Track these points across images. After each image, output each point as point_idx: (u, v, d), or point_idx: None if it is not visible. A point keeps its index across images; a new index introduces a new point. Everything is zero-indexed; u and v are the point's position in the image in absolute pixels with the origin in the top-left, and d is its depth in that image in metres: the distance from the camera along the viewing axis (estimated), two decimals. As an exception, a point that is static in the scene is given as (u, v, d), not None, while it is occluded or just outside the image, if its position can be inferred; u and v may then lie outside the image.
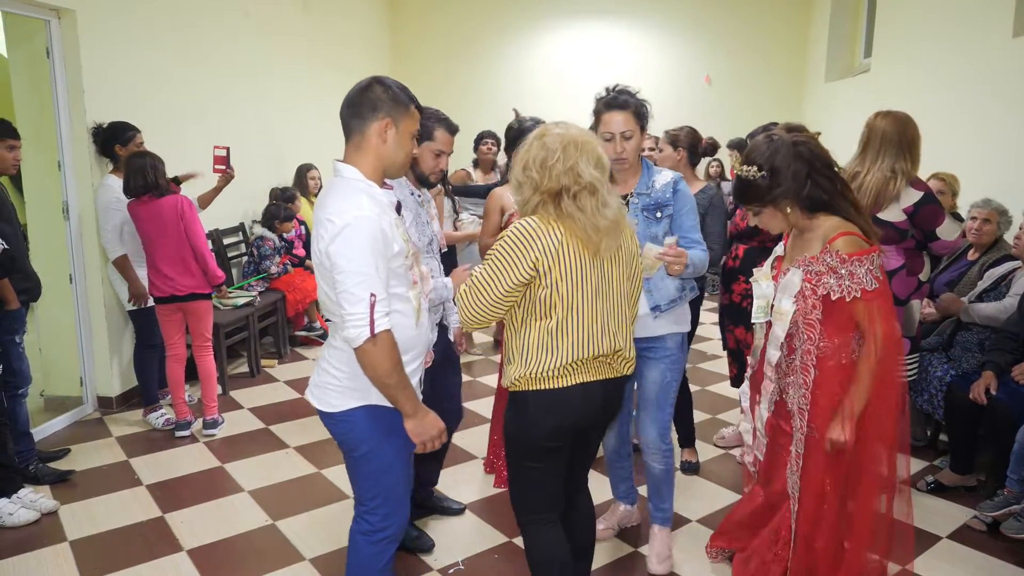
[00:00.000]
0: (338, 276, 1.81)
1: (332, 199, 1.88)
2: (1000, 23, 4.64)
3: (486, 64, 9.16)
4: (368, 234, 1.80)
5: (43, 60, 4.08)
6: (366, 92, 1.92)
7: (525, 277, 1.92)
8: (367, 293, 1.79)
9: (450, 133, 2.64)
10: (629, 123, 2.47)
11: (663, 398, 2.66)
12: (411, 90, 2.00)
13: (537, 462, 2.05)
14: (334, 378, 1.99)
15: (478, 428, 4.10)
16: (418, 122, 2.01)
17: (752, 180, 2.16)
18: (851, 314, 2.12)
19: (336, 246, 1.80)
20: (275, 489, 3.46)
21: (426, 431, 1.96)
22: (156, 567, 2.83)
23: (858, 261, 2.08)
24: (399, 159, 1.97)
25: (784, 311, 2.20)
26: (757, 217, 2.26)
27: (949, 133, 5.13)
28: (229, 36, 5.63)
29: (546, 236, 1.92)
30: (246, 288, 5.20)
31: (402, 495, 2.09)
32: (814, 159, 2.15)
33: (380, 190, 1.94)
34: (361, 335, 1.80)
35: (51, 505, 3.22)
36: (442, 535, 3.00)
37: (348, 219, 1.80)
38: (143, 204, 3.82)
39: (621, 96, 2.49)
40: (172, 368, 4.06)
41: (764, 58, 8.72)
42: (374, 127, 1.91)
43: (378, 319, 1.81)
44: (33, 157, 4.20)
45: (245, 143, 5.66)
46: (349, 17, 7.93)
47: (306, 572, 2.79)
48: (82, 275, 4.28)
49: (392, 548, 2.11)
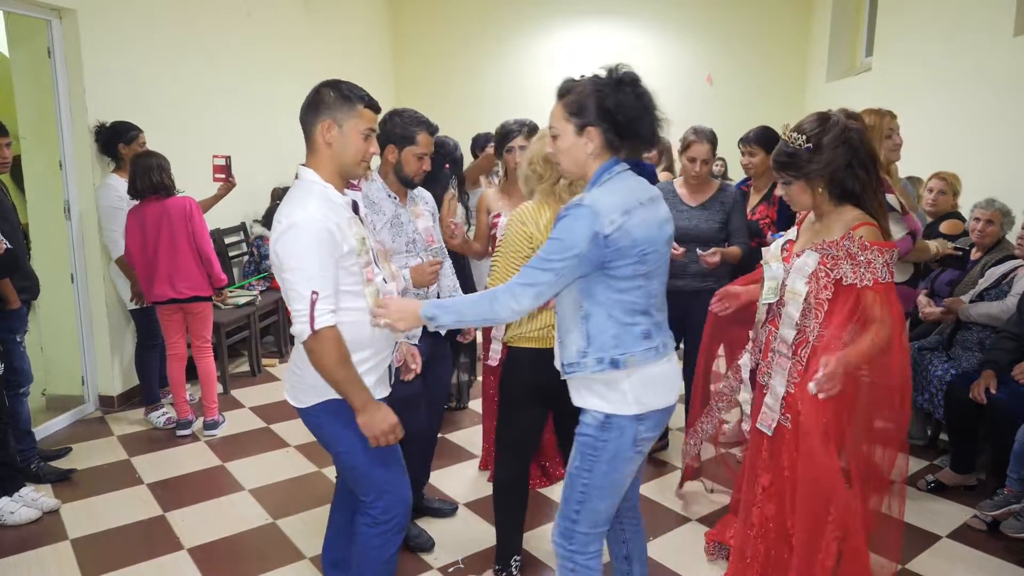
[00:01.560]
0: (284, 275, 1.90)
1: (286, 200, 1.97)
2: (1001, 22, 4.64)
3: (488, 64, 9.16)
4: (311, 234, 1.86)
5: (44, 60, 4.09)
6: (313, 96, 2.00)
7: (525, 251, 2.30)
8: (309, 291, 1.86)
9: (431, 135, 2.69)
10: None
11: (568, 490, 1.98)
12: (410, 88, 2.02)
13: (517, 407, 2.51)
14: (298, 376, 2.05)
15: (476, 427, 4.10)
16: (369, 121, 2.01)
17: (795, 150, 2.16)
18: (854, 305, 2.12)
19: (281, 245, 1.89)
20: (275, 488, 3.46)
21: (376, 426, 1.97)
22: (157, 565, 2.83)
23: (879, 251, 2.08)
24: (347, 158, 2.00)
25: (798, 291, 2.20)
26: (785, 188, 2.25)
27: (950, 132, 5.13)
28: (230, 36, 5.64)
29: (539, 216, 2.35)
30: (247, 287, 5.21)
31: (396, 485, 2.11)
32: (859, 149, 2.14)
33: (335, 192, 1.99)
34: (304, 331, 1.88)
35: (52, 504, 3.23)
36: (441, 534, 3.01)
37: (293, 220, 1.87)
38: (149, 205, 3.82)
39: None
40: (173, 367, 4.06)
41: (765, 57, 8.71)
42: (318, 129, 1.98)
43: (319, 316, 1.87)
44: (34, 156, 4.21)
45: (247, 143, 5.67)
46: (350, 17, 7.93)
47: (307, 570, 2.80)
48: (83, 274, 4.29)
49: (399, 539, 2.14)
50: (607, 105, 1.79)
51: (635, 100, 1.80)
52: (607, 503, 1.97)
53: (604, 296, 1.84)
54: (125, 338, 4.50)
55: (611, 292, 1.84)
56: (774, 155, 2.27)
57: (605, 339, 1.86)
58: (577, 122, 1.83)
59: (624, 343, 1.86)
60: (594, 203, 1.77)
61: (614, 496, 1.98)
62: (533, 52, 9.08)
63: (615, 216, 1.76)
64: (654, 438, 1.97)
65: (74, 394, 4.39)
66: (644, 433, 1.92)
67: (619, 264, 1.80)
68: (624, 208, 1.78)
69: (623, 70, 1.83)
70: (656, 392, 1.91)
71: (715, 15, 8.71)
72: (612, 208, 1.76)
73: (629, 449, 1.92)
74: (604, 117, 1.81)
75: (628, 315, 1.86)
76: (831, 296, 2.15)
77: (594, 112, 1.81)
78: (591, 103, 1.81)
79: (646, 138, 1.85)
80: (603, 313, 1.85)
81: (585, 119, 1.83)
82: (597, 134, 1.83)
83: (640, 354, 1.87)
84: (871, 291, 2.09)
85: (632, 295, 1.85)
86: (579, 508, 1.96)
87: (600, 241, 1.75)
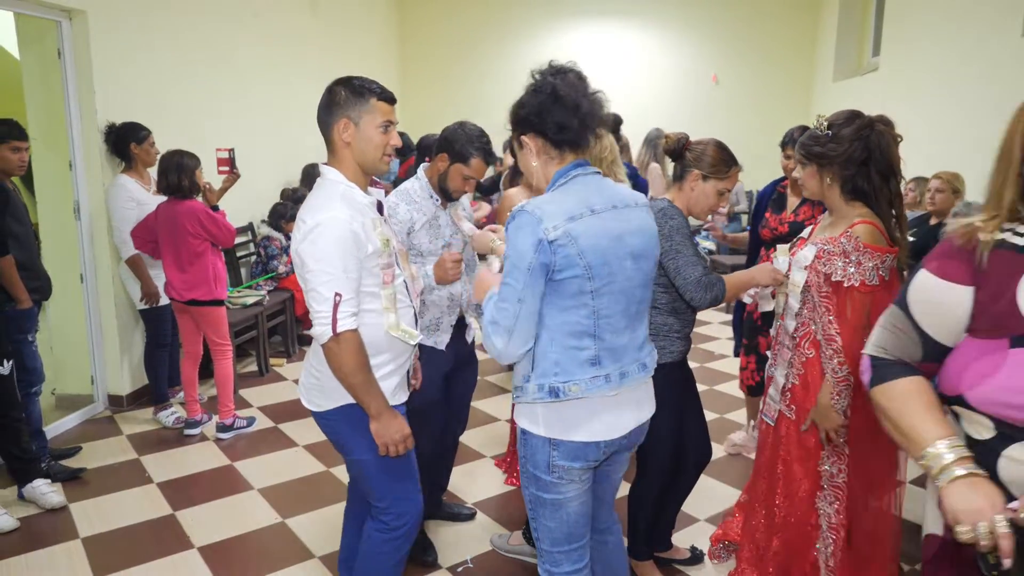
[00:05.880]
0: (307, 275, 1.87)
1: (310, 200, 1.95)
2: (1009, 22, 4.62)
3: (495, 65, 9.15)
4: (336, 235, 1.84)
5: (54, 61, 4.11)
6: (327, 96, 1.97)
7: None
8: (332, 292, 1.83)
9: (486, 163, 2.59)
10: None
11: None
12: (417, 89, 2.02)
13: None
14: (315, 378, 2.02)
15: (486, 427, 4.11)
16: (385, 113, 1.95)
17: (816, 132, 2.19)
18: (844, 303, 2.13)
19: (305, 246, 1.85)
20: (285, 487, 3.48)
21: (389, 434, 1.95)
22: (167, 564, 2.85)
23: (870, 253, 2.08)
24: (367, 155, 1.97)
25: (796, 282, 2.23)
26: (800, 169, 2.28)
27: (957, 132, 5.11)
28: (238, 37, 5.66)
29: None
30: (254, 288, 5.23)
31: (409, 492, 2.10)
32: (875, 151, 2.14)
33: (360, 192, 1.97)
34: (325, 333, 1.85)
35: (59, 500, 3.26)
36: (451, 533, 3.02)
37: (318, 219, 1.84)
38: (164, 205, 3.86)
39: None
40: (185, 366, 4.08)
41: (772, 57, 8.70)
42: (335, 129, 1.95)
43: (342, 319, 1.84)
44: (44, 157, 4.23)
45: (254, 143, 5.69)
46: (357, 18, 7.95)
47: (316, 570, 2.81)
48: (93, 274, 4.31)
49: (408, 544, 2.12)
50: (526, 111, 1.75)
51: (552, 101, 1.71)
52: (554, 523, 1.83)
53: (549, 317, 1.70)
54: (134, 338, 4.52)
55: (555, 311, 1.70)
56: (800, 137, 2.33)
57: (547, 364, 1.72)
58: (516, 133, 1.82)
59: (566, 369, 1.71)
60: (535, 208, 1.67)
61: (556, 518, 1.82)
62: (540, 53, 9.01)
63: (558, 221, 1.64)
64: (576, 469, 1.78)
65: (84, 393, 4.41)
66: (559, 460, 1.75)
67: (565, 276, 1.66)
68: (569, 214, 1.66)
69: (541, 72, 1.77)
70: (569, 424, 1.74)
71: (722, 15, 8.70)
72: (555, 213, 1.65)
73: (544, 472, 1.77)
74: (528, 124, 1.76)
75: (573, 338, 1.71)
76: (828, 292, 2.15)
77: (521, 120, 1.78)
78: (519, 112, 1.78)
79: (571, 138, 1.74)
80: (547, 336, 1.71)
81: (519, 129, 1.80)
82: (531, 141, 1.78)
83: (586, 383, 1.71)
84: (856, 292, 2.10)
85: (576, 314, 1.69)
86: (535, 525, 1.87)
87: (546, 247, 1.63)
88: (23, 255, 3.36)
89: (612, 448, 1.83)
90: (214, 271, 3.91)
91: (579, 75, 1.76)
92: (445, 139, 2.56)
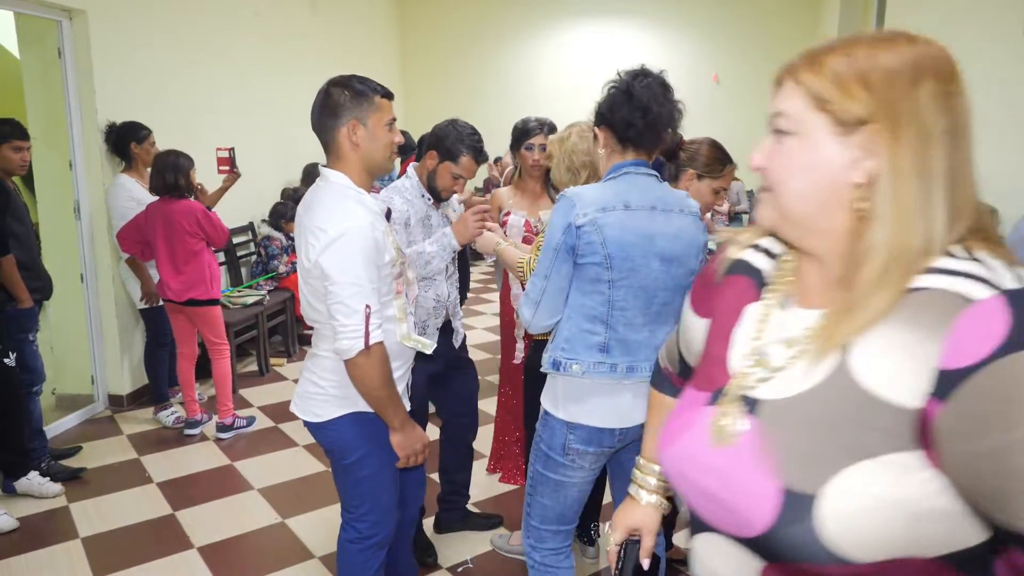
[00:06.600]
0: (331, 287, 1.76)
1: (322, 206, 1.83)
2: (1011, 22, 4.61)
3: (495, 63, 9.17)
4: (361, 245, 1.76)
5: (55, 60, 4.11)
6: (325, 99, 1.87)
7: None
8: (362, 305, 1.75)
9: (476, 162, 2.56)
10: None
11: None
12: (418, 87, 2.00)
13: None
14: (320, 388, 1.94)
15: (486, 427, 4.10)
16: (389, 110, 1.91)
17: None
18: None
19: (329, 256, 1.75)
20: (285, 487, 3.48)
21: (411, 445, 1.94)
22: (167, 564, 2.85)
23: None
24: (377, 154, 1.90)
25: None
26: None
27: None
28: (239, 36, 5.66)
29: None
30: (255, 287, 5.23)
31: (389, 503, 2.05)
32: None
33: (370, 198, 1.91)
34: (355, 347, 1.77)
35: (57, 489, 3.31)
36: (451, 533, 3.02)
37: (342, 229, 1.75)
38: (158, 204, 3.85)
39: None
40: (181, 367, 4.08)
41: (773, 56, 8.58)
42: (342, 132, 1.86)
43: (373, 331, 1.78)
44: (45, 157, 4.23)
45: (255, 143, 5.69)
46: (357, 17, 7.95)
47: (315, 570, 2.81)
48: (93, 274, 4.31)
49: (381, 554, 2.08)
50: (604, 108, 1.85)
51: (625, 100, 1.79)
52: (551, 501, 1.94)
53: (573, 297, 1.82)
54: (134, 337, 4.52)
55: (577, 293, 1.81)
56: None
57: (560, 340, 1.85)
58: (594, 124, 1.90)
59: (574, 348, 1.81)
60: (575, 195, 1.78)
61: (555, 497, 1.93)
62: (540, 51, 9.09)
63: (589, 209, 1.75)
64: (591, 454, 1.88)
65: (84, 393, 4.41)
66: (575, 443, 1.86)
67: (586, 261, 1.76)
68: (602, 204, 1.75)
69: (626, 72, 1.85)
70: (588, 409, 1.84)
71: (723, 14, 8.71)
72: (590, 202, 1.76)
73: (559, 453, 1.88)
74: (601, 117, 1.86)
75: (587, 321, 1.80)
76: None
77: (597, 113, 1.87)
78: (600, 106, 1.87)
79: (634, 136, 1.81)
80: (567, 314, 1.83)
81: (596, 121, 1.89)
82: (601, 132, 1.87)
83: (590, 366, 1.81)
84: None
85: (593, 299, 1.79)
86: (529, 500, 1.98)
87: (573, 231, 1.75)
88: (24, 255, 3.36)
89: (628, 437, 1.90)
90: (210, 271, 3.91)
91: (662, 82, 1.83)
92: (435, 136, 2.53)
